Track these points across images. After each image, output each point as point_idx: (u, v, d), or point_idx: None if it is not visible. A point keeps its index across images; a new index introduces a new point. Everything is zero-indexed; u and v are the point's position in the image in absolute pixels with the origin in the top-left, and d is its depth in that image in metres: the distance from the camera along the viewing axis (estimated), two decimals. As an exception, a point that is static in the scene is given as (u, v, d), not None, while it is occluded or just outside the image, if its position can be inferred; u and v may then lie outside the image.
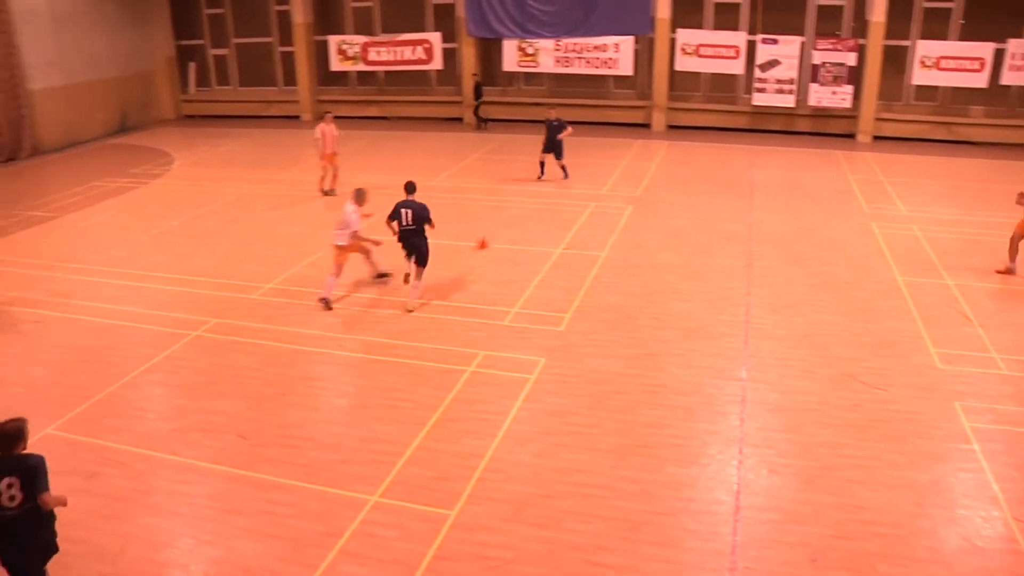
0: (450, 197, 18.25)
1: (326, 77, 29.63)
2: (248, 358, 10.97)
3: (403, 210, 12.16)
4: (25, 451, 6.33)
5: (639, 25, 25.38)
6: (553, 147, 19.53)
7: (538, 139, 20.00)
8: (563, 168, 19.81)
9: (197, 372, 10.68)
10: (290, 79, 29.96)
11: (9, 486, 6.14)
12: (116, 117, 28.95)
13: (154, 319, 12.36)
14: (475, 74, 27.36)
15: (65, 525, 7.64)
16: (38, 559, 6.47)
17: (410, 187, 12.43)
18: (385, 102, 29.11)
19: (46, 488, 6.25)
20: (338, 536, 7.34)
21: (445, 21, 27.87)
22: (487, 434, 8.89)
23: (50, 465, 7.81)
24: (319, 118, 19.53)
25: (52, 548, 6.61)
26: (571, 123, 19.22)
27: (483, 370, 10.34)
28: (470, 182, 19.88)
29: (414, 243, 12.24)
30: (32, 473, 6.21)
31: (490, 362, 10.55)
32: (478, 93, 27.01)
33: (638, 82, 26.92)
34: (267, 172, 21.50)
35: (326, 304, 12.49)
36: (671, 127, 26.03)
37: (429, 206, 12.27)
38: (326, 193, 18.96)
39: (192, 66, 31.19)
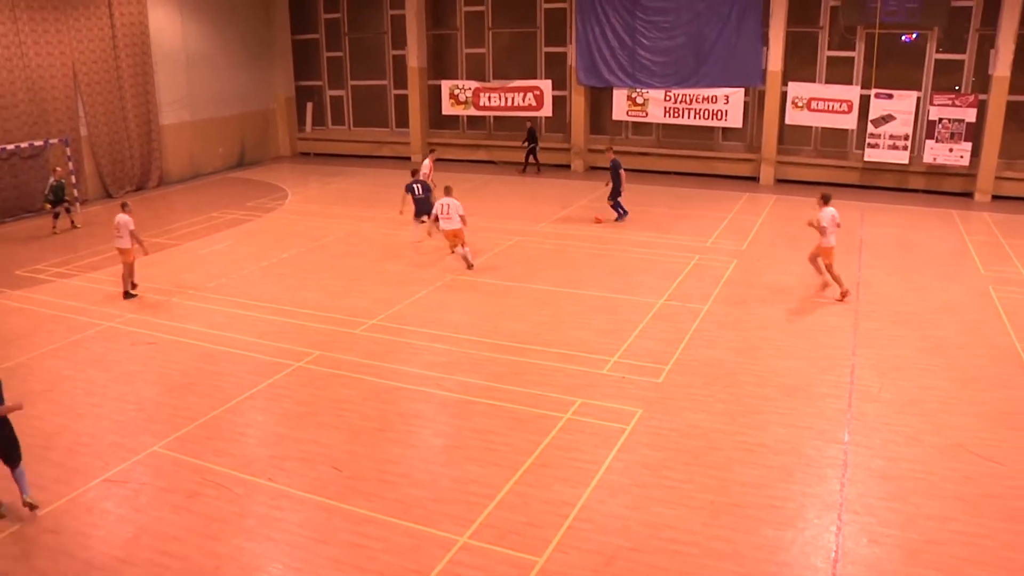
0: (553, 243, 18.33)
1: (437, 120, 30.35)
2: (348, 391, 11.20)
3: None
4: None
5: (750, 77, 25.24)
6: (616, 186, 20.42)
7: (644, 189, 19.98)
8: (614, 206, 20.60)
9: (298, 402, 10.96)
10: (402, 121, 30.82)
11: None
12: (236, 152, 30.31)
13: (260, 348, 12.77)
14: (528, 120, 28.18)
15: (166, 540, 8.01)
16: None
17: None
18: (493, 147, 29.59)
19: (1, 402, 8.29)
20: (425, 574, 7.37)
21: (556, 69, 28.26)
22: (580, 482, 8.82)
23: (154, 481, 8.34)
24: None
25: (14, 447, 8.48)
26: (678, 174, 19.12)
27: (580, 418, 10.29)
28: (574, 229, 19.92)
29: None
30: None
31: (587, 410, 10.49)
32: (531, 138, 27.71)
33: (747, 135, 26.68)
34: (376, 211, 22.02)
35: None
36: (779, 181, 25.64)
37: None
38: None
39: (310, 106, 32.42)
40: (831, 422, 10.16)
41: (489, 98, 28.69)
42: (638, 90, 26.57)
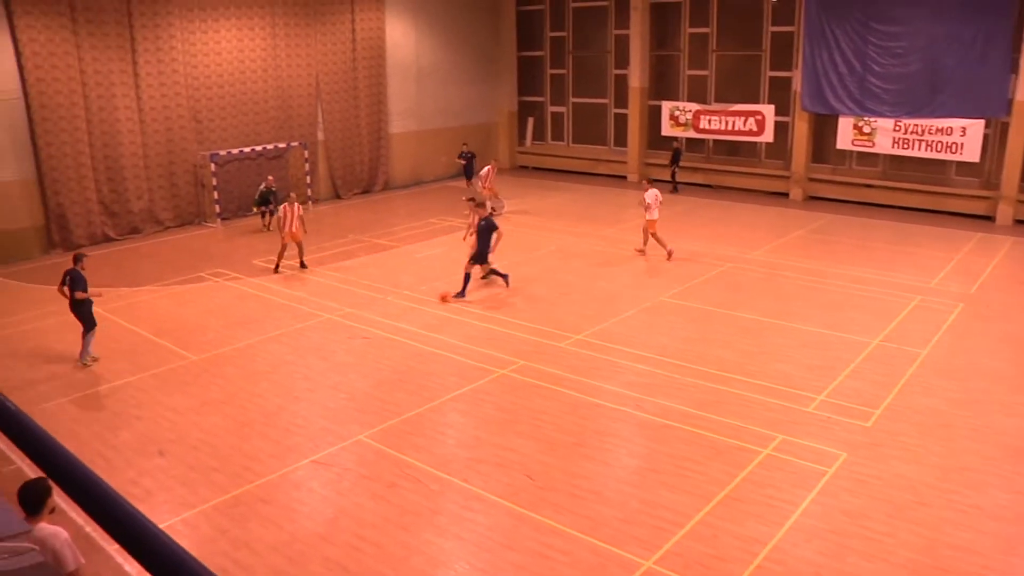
0: (765, 272, 17.83)
1: (655, 141, 30.24)
2: (548, 403, 11.40)
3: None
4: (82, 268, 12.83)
5: (993, 108, 23.40)
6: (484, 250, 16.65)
7: (866, 222, 18.86)
8: (487, 273, 17.00)
9: (498, 408, 11.27)
10: (621, 140, 30.97)
11: (66, 284, 12.72)
12: (457, 162, 31.50)
13: (467, 352, 13.24)
14: (676, 140, 28.40)
15: (363, 525, 8.55)
16: (85, 325, 12.97)
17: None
18: (711, 171, 29.12)
19: (78, 289, 12.58)
20: (608, 594, 7.39)
21: (779, 94, 27.46)
22: (773, 522, 8.55)
23: (357, 468, 9.31)
24: (647, 183, 19.69)
25: (89, 323, 12.96)
26: (903, 208, 17.85)
27: (779, 455, 9.97)
28: (788, 259, 19.24)
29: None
30: (73, 280, 12.60)
31: (788, 447, 10.14)
32: (676, 158, 27.91)
33: (984, 170, 24.79)
34: (590, 227, 22.22)
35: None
36: (1019, 222, 23.66)
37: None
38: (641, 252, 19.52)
39: (531, 121, 33.25)
40: (1062, 491, 9.29)
41: (709, 121, 28.29)
42: (865, 119, 25.38)
